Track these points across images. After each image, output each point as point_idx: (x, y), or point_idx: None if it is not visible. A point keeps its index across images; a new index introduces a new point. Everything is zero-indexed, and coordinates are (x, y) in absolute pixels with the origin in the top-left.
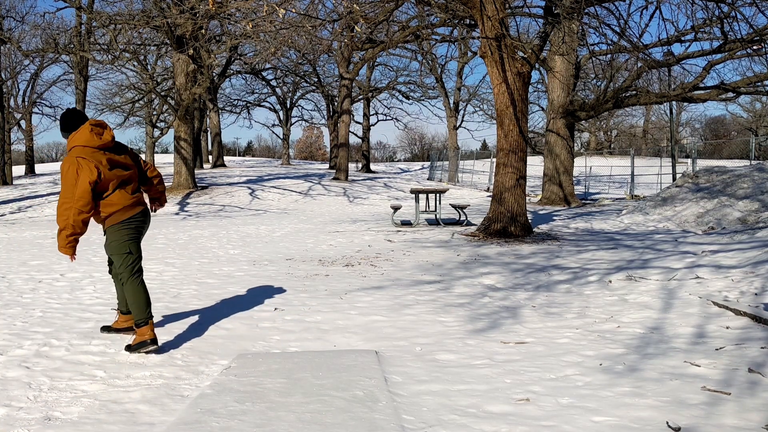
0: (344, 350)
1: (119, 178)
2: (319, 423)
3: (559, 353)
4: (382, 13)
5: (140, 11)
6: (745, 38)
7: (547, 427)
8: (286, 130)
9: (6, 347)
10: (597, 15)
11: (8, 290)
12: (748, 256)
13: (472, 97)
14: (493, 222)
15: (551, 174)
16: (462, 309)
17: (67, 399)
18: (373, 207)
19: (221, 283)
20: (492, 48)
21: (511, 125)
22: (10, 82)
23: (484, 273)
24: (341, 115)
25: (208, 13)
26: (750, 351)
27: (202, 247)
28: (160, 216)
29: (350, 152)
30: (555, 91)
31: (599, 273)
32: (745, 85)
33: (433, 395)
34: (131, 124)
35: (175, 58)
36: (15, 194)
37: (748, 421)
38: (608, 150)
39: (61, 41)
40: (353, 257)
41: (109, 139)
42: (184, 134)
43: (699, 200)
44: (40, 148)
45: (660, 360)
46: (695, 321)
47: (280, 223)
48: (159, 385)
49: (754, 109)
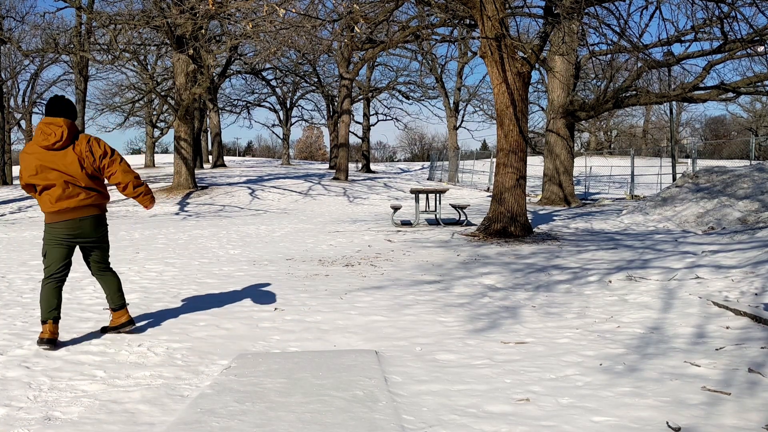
0: (344, 350)
1: (46, 181)
2: (319, 423)
3: (559, 353)
4: (382, 13)
5: (140, 11)
6: (745, 38)
7: (547, 427)
8: (286, 130)
9: (6, 347)
10: (597, 15)
11: (8, 290)
12: (748, 256)
13: (472, 97)
14: (493, 222)
15: (551, 174)
16: (462, 309)
17: (67, 399)
18: (373, 207)
19: (221, 283)
20: (492, 48)
21: (511, 125)
22: (10, 82)
23: (484, 273)
24: (341, 115)
25: (208, 13)
26: (750, 351)
27: (202, 247)
28: (160, 216)
29: (350, 152)
30: (555, 91)
31: (599, 273)
32: (745, 85)
33: (433, 395)
34: (131, 124)
35: (175, 58)
36: (15, 194)
37: (748, 421)
38: (608, 150)
39: (61, 41)
40: (353, 257)
41: (50, 143)
42: (184, 134)
43: (699, 200)
44: None
45: (660, 360)
46: (695, 321)
47: (280, 223)
48: (159, 385)
49: (754, 109)
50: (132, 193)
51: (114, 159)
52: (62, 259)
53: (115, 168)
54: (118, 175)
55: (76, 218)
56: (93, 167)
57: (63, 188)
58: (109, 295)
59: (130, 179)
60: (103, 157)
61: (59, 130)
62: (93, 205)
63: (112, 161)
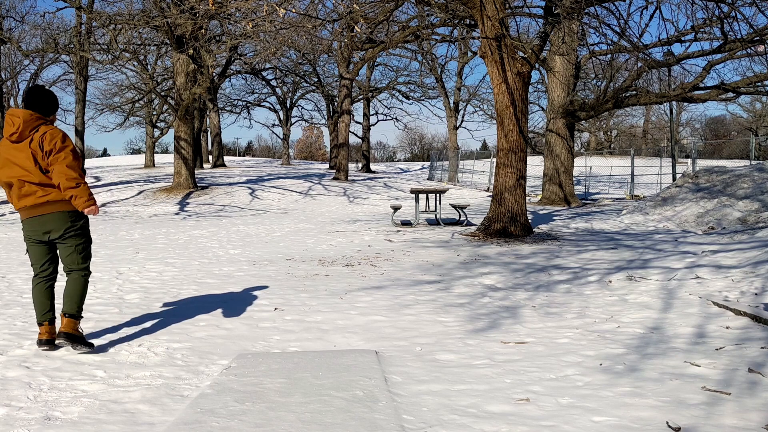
0: (344, 350)
1: (9, 177)
2: (319, 423)
3: (559, 353)
4: (382, 13)
5: (140, 11)
6: (745, 38)
7: (547, 427)
8: (286, 130)
9: (6, 347)
10: (597, 15)
11: (8, 290)
12: (748, 256)
13: (472, 97)
14: (493, 222)
15: (551, 174)
16: (462, 309)
17: (67, 399)
18: (373, 207)
19: (221, 283)
20: (492, 48)
21: (511, 125)
22: (10, 82)
23: (484, 273)
24: (341, 115)
25: (208, 13)
26: (750, 351)
27: (202, 247)
28: (160, 216)
29: (350, 152)
30: (555, 91)
31: (599, 273)
32: (745, 85)
33: (433, 395)
34: (131, 124)
35: (175, 58)
36: None
37: (748, 421)
38: (608, 150)
39: (61, 41)
40: (353, 257)
41: (8, 134)
42: (184, 134)
43: (699, 200)
44: None
45: (660, 360)
46: (695, 321)
47: (280, 223)
48: (159, 385)
49: (754, 109)
50: (65, 195)
51: (57, 156)
52: (41, 258)
53: (54, 166)
54: (53, 174)
55: (34, 216)
56: (45, 162)
57: (19, 186)
58: (64, 297)
59: (61, 181)
60: (49, 154)
61: (17, 121)
62: (54, 201)
63: (56, 159)
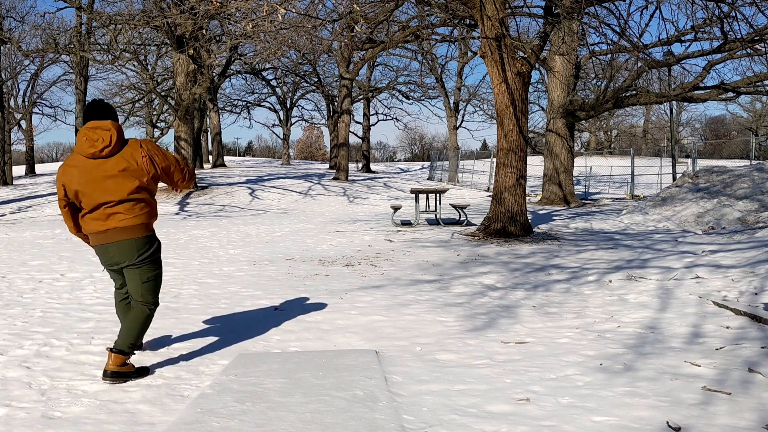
0: (344, 350)
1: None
2: (319, 423)
3: (559, 353)
4: (382, 13)
5: (140, 11)
6: (745, 38)
7: (547, 427)
8: (286, 130)
9: (6, 347)
10: (597, 15)
11: (8, 290)
12: (747, 255)
13: (472, 97)
14: (493, 222)
15: (551, 174)
16: (462, 309)
17: (67, 399)
18: (373, 207)
19: (221, 283)
20: (492, 48)
21: (511, 125)
22: (10, 82)
23: (483, 273)
24: (341, 115)
25: (208, 13)
26: (749, 351)
27: (202, 247)
28: (161, 216)
29: (350, 152)
30: (555, 91)
31: (599, 273)
32: (745, 85)
33: (434, 395)
34: (131, 124)
35: (175, 58)
36: (15, 194)
37: (748, 420)
38: (608, 150)
39: (61, 41)
40: (353, 257)
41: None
42: (184, 134)
43: (699, 200)
44: (40, 149)
45: (659, 360)
46: (694, 320)
47: (280, 223)
48: (159, 385)
49: (754, 109)
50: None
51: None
52: (116, 279)
53: (172, 171)
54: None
55: (97, 242)
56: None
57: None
58: (120, 329)
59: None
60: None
61: (107, 135)
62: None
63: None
